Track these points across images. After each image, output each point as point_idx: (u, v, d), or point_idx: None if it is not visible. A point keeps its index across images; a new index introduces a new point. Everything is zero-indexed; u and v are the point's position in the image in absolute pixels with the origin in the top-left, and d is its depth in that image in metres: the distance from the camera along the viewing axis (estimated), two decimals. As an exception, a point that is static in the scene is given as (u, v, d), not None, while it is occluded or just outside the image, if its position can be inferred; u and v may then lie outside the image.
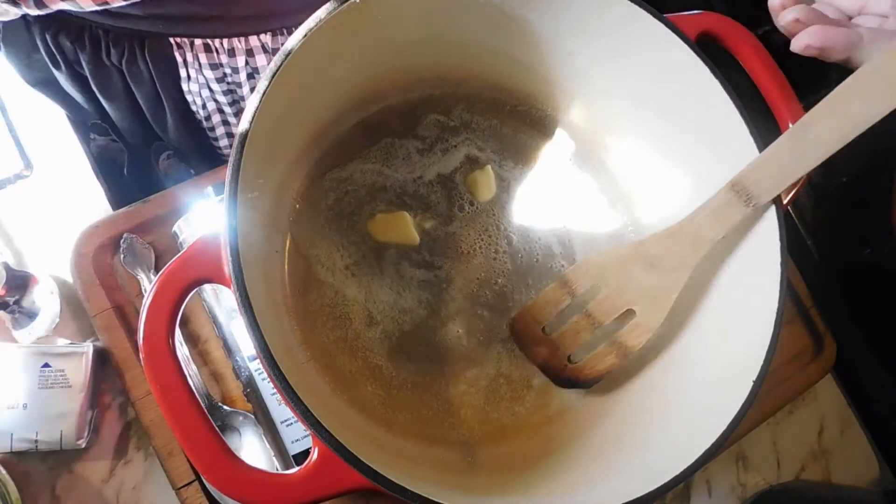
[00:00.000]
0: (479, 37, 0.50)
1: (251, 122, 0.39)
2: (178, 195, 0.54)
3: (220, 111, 0.66)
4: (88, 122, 0.68)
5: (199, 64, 0.59)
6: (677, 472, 0.39)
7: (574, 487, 0.44)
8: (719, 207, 0.44)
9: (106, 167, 0.64)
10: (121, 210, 0.53)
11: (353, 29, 0.44)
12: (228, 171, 0.38)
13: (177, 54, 0.58)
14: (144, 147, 0.71)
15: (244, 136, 0.38)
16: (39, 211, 0.56)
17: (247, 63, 0.60)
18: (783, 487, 0.59)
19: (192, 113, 0.66)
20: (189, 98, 0.64)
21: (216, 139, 0.70)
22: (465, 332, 0.50)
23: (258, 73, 0.61)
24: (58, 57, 0.60)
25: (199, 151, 0.72)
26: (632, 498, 0.38)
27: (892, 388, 0.64)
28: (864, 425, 0.65)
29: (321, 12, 0.41)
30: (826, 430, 0.63)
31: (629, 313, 0.47)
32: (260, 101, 0.39)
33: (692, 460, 0.39)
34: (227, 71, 0.61)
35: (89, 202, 0.58)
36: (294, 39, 0.41)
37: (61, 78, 0.63)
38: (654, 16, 0.44)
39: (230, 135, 0.69)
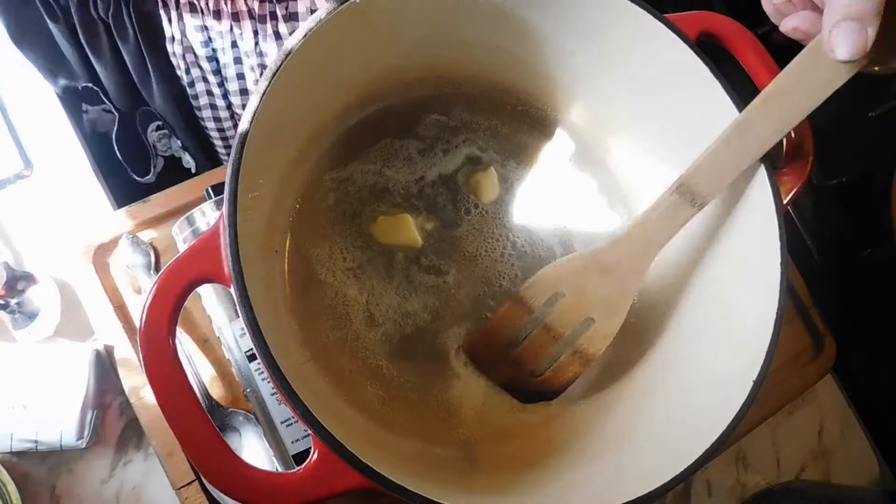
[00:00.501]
0: (479, 37, 0.50)
1: (251, 122, 0.39)
2: (178, 195, 0.54)
3: (204, 80, 0.65)
4: (80, 87, 0.67)
5: (184, 24, 0.59)
6: (677, 472, 0.39)
7: (574, 487, 0.43)
8: (666, 210, 0.44)
9: (106, 167, 0.64)
10: (121, 210, 0.53)
11: (352, 29, 0.44)
12: (228, 170, 0.38)
13: (161, 12, 0.58)
14: (132, 113, 0.70)
15: (244, 136, 0.38)
16: (39, 211, 0.56)
17: (231, 29, 0.59)
18: (783, 487, 0.59)
19: (178, 79, 0.65)
20: (173, 61, 0.63)
21: (199, 109, 0.69)
22: (467, 334, 0.50)
23: (241, 40, 0.60)
24: (54, 7, 0.60)
25: (186, 125, 0.71)
26: (632, 498, 0.38)
27: (892, 388, 0.64)
28: (864, 425, 0.65)
29: (321, 12, 0.41)
30: (826, 430, 0.63)
31: (588, 320, 0.47)
32: (260, 101, 0.39)
33: (692, 460, 0.39)
34: (212, 35, 0.60)
35: (89, 202, 0.57)
36: (294, 39, 0.41)
37: (56, 31, 0.62)
38: (654, 16, 0.44)
39: (213, 106, 0.69)
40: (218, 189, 0.52)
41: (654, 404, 0.47)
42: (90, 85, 0.68)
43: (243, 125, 0.39)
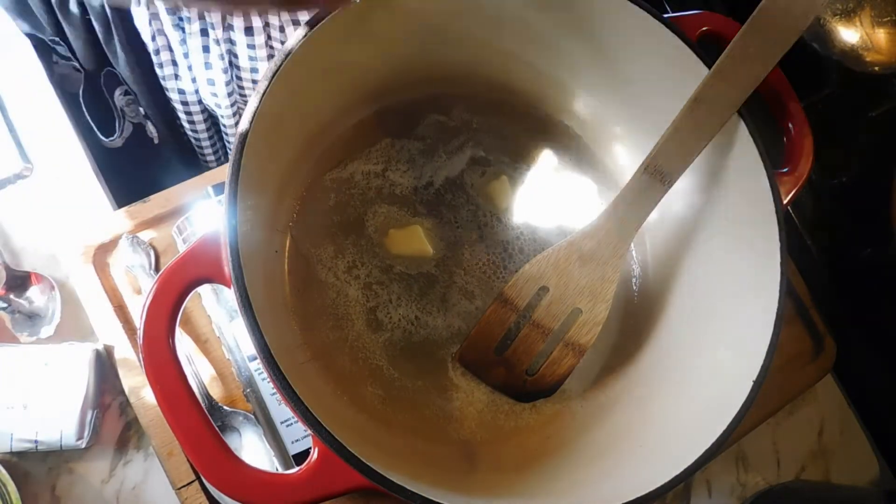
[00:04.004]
0: (480, 37, 0.50)
1: (251, 123, 0.39)
2: (178, 195, 0.54)
3: (169, 48, 0.64)
4: (48, 39, 0.66)
5: None
6: (677, 472, 0.39)
7: (574, 488, 0.44)
8: (637, 192, 0.45)
9: (106, 167, 0.64)
10: (121, 210, 0.53)
11: (352, 29, 0.44)
12: (228, 170, 0.38)
13: None
14: (97, 73, 0.69)
15: (244, 136, 0.38)
16: (39, 211, 0.56)
17: None
18: (783, 487, 0.59)
19: (143, 45, 0.64)
20: (138, 26, 0.62)
21: (164, 79, 0.68)
22: (459, 345, 0.50)
23: (209, 12, 0.59)
24: None
25: (150, 94, 0.69)
26: (632, 498, 0.38)
27: (892, 388, 0.64)
28: (864, 425, 0.65)
29: (321, 13, 0.41)
30: (826, 430, 0.63)
31: (575, 311, 0.47)
32: (259, 101, 0.39)
33: (692, 460, 0.39)
34: (179, 2, 0.59)
35: (89, 202, 0.57)
36: (294, 39, 0.41)
37: None
38: (654, 16, 0.44)
39: (177, 76, 0.67)
40: (219, 189, 0.52)
41: (654, 404, 0.47)
42: (56, 39, 0.67)
43: (243, 125, 0.39)
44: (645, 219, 0.46)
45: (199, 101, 0.71)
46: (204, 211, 0.51)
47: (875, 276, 0.67)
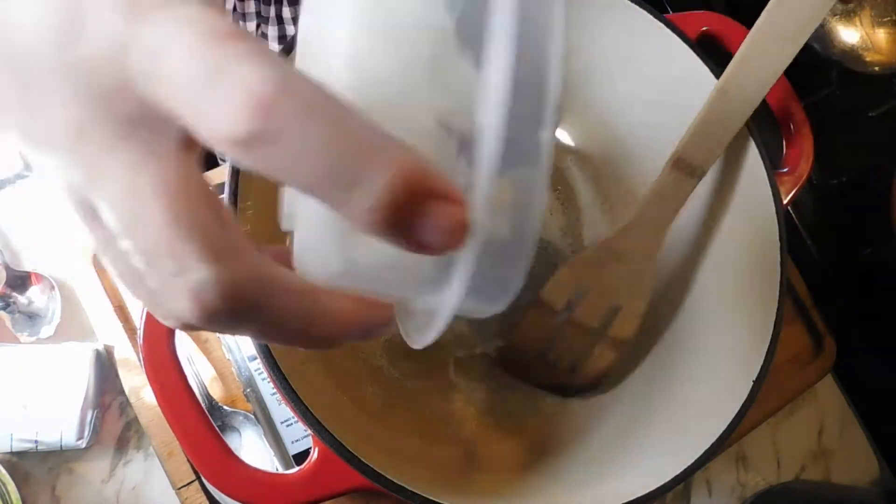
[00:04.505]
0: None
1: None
2: (178, 195, 0.54)
3: None
4: None
5: None
6: (677, 472, 0.39)
7: (574, 488, 0.44)
8: (667, 189, 0.44)
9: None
10: (121, 210, 0.53)
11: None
12: (228, 170, 0.38)
13: None
14: None
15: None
16: (39, 211, 0.56)
17: (234, 8, 0.59)
18: (783, 487, 0.59)
19: None
20: None
21: None
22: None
23: (244, 21, 0.60)
24: None
25: None
26: (632, 498, 0.38)
27: (892, 388, 0.64)
28: (864, 425, 0.64)
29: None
30: (826, 430, 0.63)
31: (614, 308, 0.47)
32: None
33: (692, 460, 0.39)
34: None
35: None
36: (293, 41, 0.41)
37: None
38: (654, 16, 0.44)
39: None
40: (219, 189, 0.52)
41: (654, 405, 0.47)
42: None
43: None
44: (675, 215, 0.45)
45: None
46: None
47: (875, 276, 0.67)
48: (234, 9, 0.60)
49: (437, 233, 0.16)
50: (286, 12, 0.60)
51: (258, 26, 0.61)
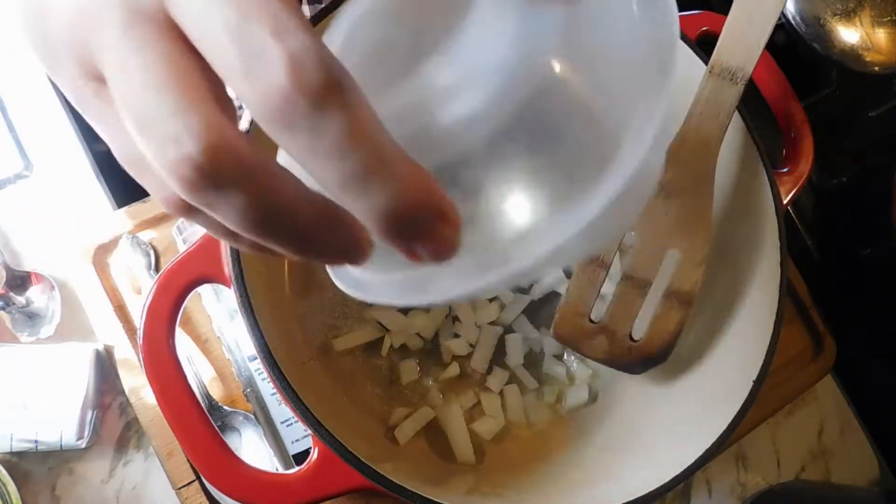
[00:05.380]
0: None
1: (251, 122, 0.39)
2: (178, 195, 0.54)
3: None
4: None
5: None
6: (677, 472, 0.39)
7: (574, 488, 0.44)
8: (710, 95, 0.41)
9: (106, 167, 0.64)
10: (121, 210, 0.53)
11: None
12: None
13: None
14: None
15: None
16: (39, 211, 0.56)
17: None
18: (783, 487, 0.59)
19: None
20: None
21: None
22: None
23: None
24: None
25: None
26: (632, 498, 0.38)
27: (892, 388, 0.64)
28: (864, 425, 0.64)
29: (320, 14, 0.41)
30: (826, 430, 0.63)
31: (671, 255, 0.43)
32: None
33: (692, 460, 0.39)
34: None
35: (89, 202, 0.57)
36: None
37: None
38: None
39: None
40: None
41: (654, 405, 0.47)
42: None
43: (243, 125, 0.39)
44: (725, 128, 0.41)
45: (239, 108, 0.71)
46: (204, 211, 0.51)
47: (875, 276, 0.66)
48: None
49: (430, 250, 0.18)
50: (304, 10, 0.60)
51: None
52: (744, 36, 0.40)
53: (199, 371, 0.51)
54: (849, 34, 0.61)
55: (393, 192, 0.16)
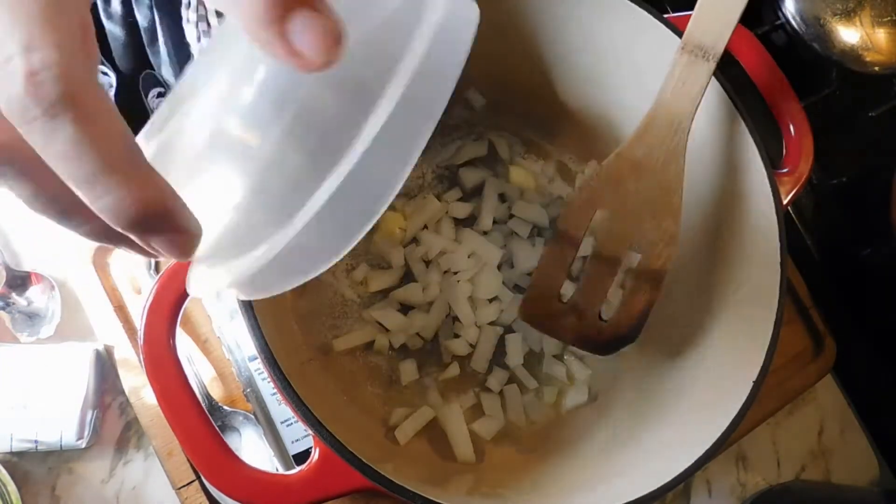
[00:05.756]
0: (480, 37, 0.50)
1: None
2: (178, 195, 0.54)
3: None
4: None
5: None
6: (677, 472, 0.39)
7: (574, 488, 0.44)
8: (681, 77, 0.41)
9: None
10: (121, 210, 0.53)
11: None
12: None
13: None
14: (135, 76, 0.69)
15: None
16: (39, 211, 0.56)
17: None
18: (783, 487, 0.59)
19: (187, 46, 0.65)
20: (186, 28, 0.62)
21: None
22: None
23: None
24: None
25: None
26: (632, 498, 0.38)
27: (892, 388, 0.64)
28: (864, 425, 0.64)
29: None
30: (826, 430, 0.63)
31: (642, 233, 0.42)
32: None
33: (692, 460, 0.39)
34: None
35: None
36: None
37: None
38: (654, 16, 0.44)
39: None
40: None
41: (654, 405, 0.47)
42: None
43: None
44: (696, 106, 0.41)
45: None
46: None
47: (875, 276, 0.66)
48: None
49: (164, 249, 0.20)
50: None
51: None
52: (717, 13, 0.40)
53: (199, 371, 0.51)
54: (849, 34, 0.61)
55: (120, 198, 0.19)
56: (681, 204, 0.41)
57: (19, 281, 0.51)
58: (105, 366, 0.51)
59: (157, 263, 0.53)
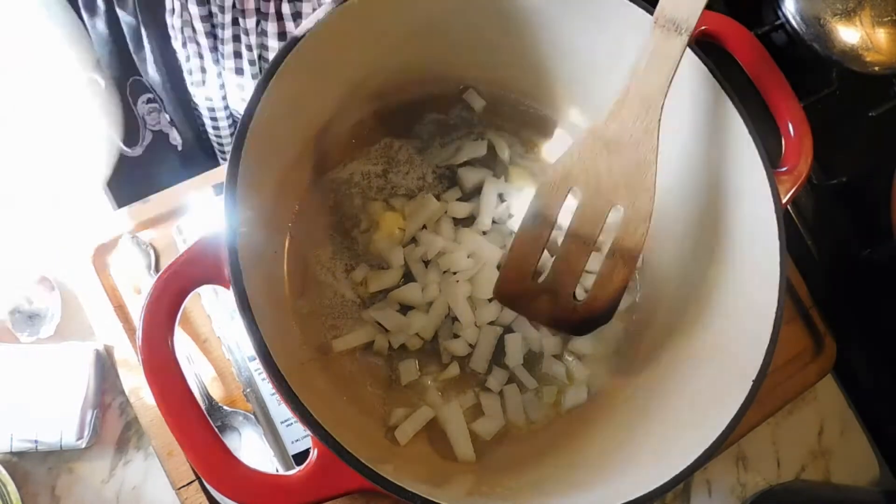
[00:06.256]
0: (479, 38, 0.50)
1: (250, 122, 0.39)
2: (178, 195, 0.54)
3: (200, 55, 0.64)
4: None
5: None
6: (677, 472, 0.39)
7: (574, 488, 0.44)
8: (655, 49, 0.40)
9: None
10: (121, 210, 0.53)
11: (351, 29, 0.44)
12: (227, 171, 0.38)
13: None
14: (122, 83, 0.69)
15: (243, 135, 0.38)
16: (39, 211, 0.56)
17: (234, 5, 0.59)
18: (783, 487, 0.59)
19: (173, 52, 0.65)
20: (171, 34, 0.62)
21: (192, 85, 0.68)
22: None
23: (243, 18, 0.60)
24: None
25: (177, 101, 0.70)
26: (632, 498, 0.38)
27: (892, 388, 0.64)
28: (864, 425, 0.64)
29: (320, 12, 0.41)
30: (826, 430, 0.63)
31: (615, 210, 0.42)
32: (259, 101, 0.39)
33: (692, 460, 0.39)
34: (214, 9, 0.59)
35: (89, 202, 0.57)
36: (292, 40, 0.41)
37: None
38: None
39: (204, 83, 0.68)
40: (220, 188, 0.52)
41: (654, 405, 0.47)
42: None
43: (242, 124, 0.39)
44: (669, 81, 0.40)
45: (226, 108, 0.71)
46: (204, 211, 0.51)
47: (875, 276, 0.66)
48: (234, 5, 0.60)
49: None
50: (286, 8, 0.60)
51: (258, 23, 0.61)
52: None
53: (199, 371, 0.51)
54: (849, 34, 0.61)
55: None
56: (655, 181, 0.41)
57: (19, 281, 0.51)
58: (105, 366, 0.51)
59: (156, 263, 0.53)
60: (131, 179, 0.70)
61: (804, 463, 0.62)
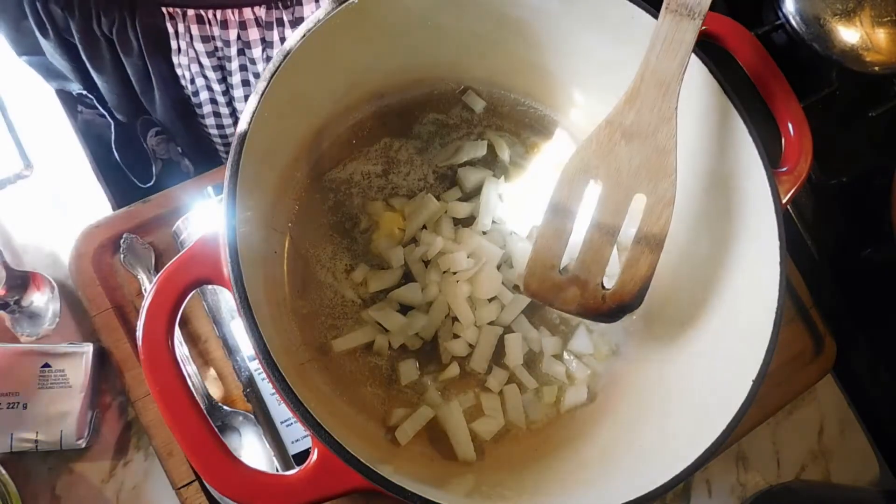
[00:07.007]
0: (480, 36, 0.50)
1: (250, 123, 0.39)
2: (178, 195, 0.54)
3: (209, 88, 0.65)
4: (75, 93, 0.67)
5: (191, 36, 0.58)
6: (677, 471, 0.39)
7: (575, 487, 0.44)
8: (667, 37, 0.40)
9: (106, 167, 0.64)
10: (121, 210, 0.53)
11: (351, 29, 0.44)
12: (227, 171, 0.38)
13: (168, 25, 0.58)
14: (132, 122, 0.70)
15: (243, 136, 0.38)
16: (39, 211, 0.56)
17: (238, 37, 0.59)
18: (783, 487, 0.59)
19: (181, 88, 0.65)
20: (178, 72, 0.63)
21: (203, 117, 0.69)
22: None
23: (249, 49, 0.60)
24: (46, 25, 0.59)
25: (188, 132, 0.71)
26: (632, 498, 0.38)
27: (892, 388, 0.64)
28: (864, 425, 0.64)
29: (320, 13, 0.41)
30: (826, 430, 0.63)
31: (638, 199, 0.42)
32: (259, 102, 0.39)
33: (692, 460, 0.39)
34: (219, 45, 0.60)
35: (89, 202, 0.57)
36: (292, 40, 0.41)
37: (48, 47, 0.62)
38: (654, 16, 0.44)
39: (217, 114, 0.68)
40: (219, 189, 0.52)
41: (654, 406, 0.47)
42: (84, 92, 0.68)
43: (242, 125, 0.39)
44: (684, 66, 0.40)
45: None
46: (204, 211, 0.51)
47: (875, 276, 0.66)
48: (239, 37, 0.60)
49: None
50: (290, 35, 0.60)
51: (263, 50, 0.61)
52: None
53: (199, 371, 0.51)
54: (849, 34, 0.61)
55: None
56: (675, 165, 0.41)
57: (19, 281, 0.51)
58: (105, 366, 0.51)
59: (156, 263, 0.53)
60: (132, 180, 0.70)
61: (804, 463, 0.62)
